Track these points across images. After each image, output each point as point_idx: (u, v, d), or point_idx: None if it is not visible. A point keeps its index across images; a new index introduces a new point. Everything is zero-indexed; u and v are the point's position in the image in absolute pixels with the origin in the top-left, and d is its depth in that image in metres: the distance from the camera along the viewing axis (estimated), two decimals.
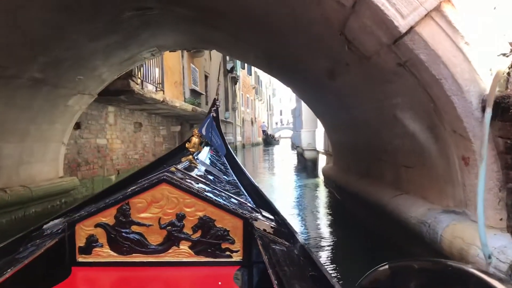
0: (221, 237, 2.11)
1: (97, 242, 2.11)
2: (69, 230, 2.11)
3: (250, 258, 2.10)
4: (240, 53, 7.55)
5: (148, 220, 2.12)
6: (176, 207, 2.12)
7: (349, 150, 6.94)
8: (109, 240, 2.11)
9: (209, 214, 2.12)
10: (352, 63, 4.14)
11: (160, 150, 14.01)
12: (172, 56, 15.44)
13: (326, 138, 9.39)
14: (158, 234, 2.12)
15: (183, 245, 2.12)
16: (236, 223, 2.12)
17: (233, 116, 31.51)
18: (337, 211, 7.27)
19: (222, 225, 2.12)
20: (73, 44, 5.99)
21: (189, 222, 2.12)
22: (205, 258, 2.11)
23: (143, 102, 10.03)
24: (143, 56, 7.98)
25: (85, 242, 2.11)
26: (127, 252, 2.11)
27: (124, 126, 11.16)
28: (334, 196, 8.24)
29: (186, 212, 2.12)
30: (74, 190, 8.69)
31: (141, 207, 2.12)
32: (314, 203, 8.39)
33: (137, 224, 2.12)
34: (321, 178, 11.36)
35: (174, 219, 2.12)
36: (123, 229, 2.11)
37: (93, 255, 2.11)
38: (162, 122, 14.34)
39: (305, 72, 6.02)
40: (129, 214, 2.12)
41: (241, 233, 2.11)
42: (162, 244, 2.12)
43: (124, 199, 2.13)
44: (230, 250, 2.12)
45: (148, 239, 2.12)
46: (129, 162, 11.47)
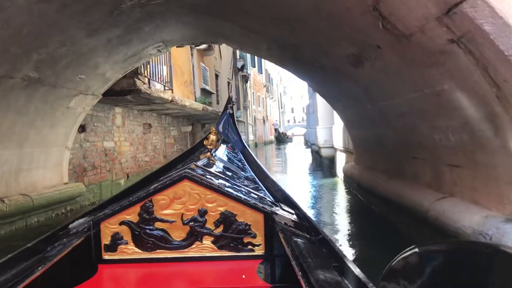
0: (242, 231, 2.12)
1: (122, 240, 2.14)
2: (95, 228, 2.14)
3: (272, 252, 2.11)
4: (252, 45, 6.91)
5: (171, 217, 2.14)
6: (198, 203, 2.14)
7: (374, 147, 6.26)
8: (134, 237, 2.13)
9: (230, 209, 2.13)
10: (386, 45, 3.48)
11: (171, 152, 13.45)
12: (181, 55, 14.89)
13: (346, 134, 8.71)
14: (181, 230, 2.14)
15: (206, 240, 2.13)
16: (257, 217, 2.12)
17: (244, 114, 30.90)
18: (363, 216, 6.59)
19: (243, 220, 2.13)
20: (69, 39, 5.41)
21: (211, 217, 2.13)
22: (228, 252, 2.12)
23: (151, 102, 9.45)
24: (148, 52, 7.38)
25: (110, 240, 2.14)
26: (151, 248, 2.13)
27: (132, 128, 10.60)
28: (357, 198, 7.56)
29: (208, 207, 2.14)
30: (81, 197, 8.15)
31: (163, 204, 2.14)
32: (334, 206, 7.72)
33: (160, 221, 2.14)
34: (340, 177, 10.67)
35: (196, 214, 2.14)
36: (147, 226, 2.14)
37: (118, 252, 2.13)
38: (173, 123, 13.77)
39: (324, 61, 5.36)
40: (152, 211, 2.14)
41: (262, 227, 2.12)
42: (186, 240, 2.14)
43: (147, 196, 2.15)
44: (252, 244, 2.12)
45: (171, 235, 2.14)
46: (139, 165, 10.91)
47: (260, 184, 3.46)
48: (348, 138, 8.59)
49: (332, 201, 8.37)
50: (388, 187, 5.37)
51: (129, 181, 10.19)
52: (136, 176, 10.59)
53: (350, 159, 8.79)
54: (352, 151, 8.37)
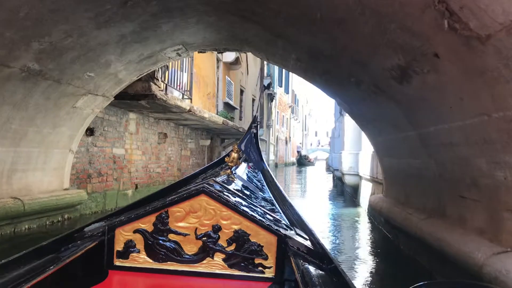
0: (254, 252, 2.08)
1: (135, 248, 2.12)
2: (109, 234, 2.13)
3: (282, 275, 2.06)
4: (279, 55, 6.24)
5: (185, 230, 2.12)
6: (213, 219, 2.12)
7: (409, 180, 5.45)
8: (146, 246, 2.11)
9: (244, 228, 2.09)
10: (447, 52, 2.74)
11: (187, 165, 12.82)
12: (206, 66, 14.40)
13: (375, 162, 7.91)
14: (193, 244, 2.11)
15: (217, 257, 2.10)
16: (270, 239, 2.08)
17: (267, 133, 30.25)
18: (389, 256, 5.74)
19: (256, 240, 2.08)
20: (76, 29, 4.83)
21: (224, 235, 2.10)
22: (238, 271, 2.08)
23: (167, 110, 8.85)
24: (167, 55, 6.79)
25: (123, 247, 2.12)
26: (163, 259, 2.10)
27: (146, 136, 10.01)
28: (382, 234, 6.70)
29: (222, 224, 2.11)
30: (81, 205, 7.53)
31: (179, 216, 2.13)
32: (356, 241, 6.87)
33: (174, 233, 2.12)
34: (363, 208, 9.80)
35: (210, 230, 2.11)
36: (161, 237, 2.12)
37: (130, 260, 2.12)
38: (191, 135, 13.17)
39: (361, 75, 4.64)
40: (167, 222, 2.12)
41: (275, 250, 2.08)
42: (197, 254, 2.11)
43: (164, 207, 2.13)
44: (263, 266, 2.08)
45: (183, 248, 2.11)
46: (150, 176, 10.28)
47: (277, 206, 3.32)
48: (377, 166, 7.77)
49: (354, 235, 7.52)
50: (425, 227, 4.54)
51: (138, 193, 9.56)
52: (146, 188, 9.96)
53: (378, 190, 7.96)
54: (380, 181, 7.54)
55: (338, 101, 6.58)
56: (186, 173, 12.56)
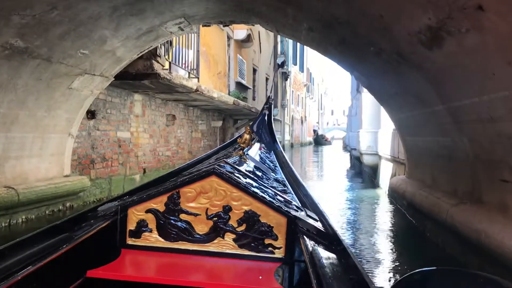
0: (264, 232, 2.09)
1: (147, 227, 2.14)
2: (122, 213, 2.17)
3: (292, 256, 2.07)
4: (290, 25, 5.65)
5: (196, 210, 2.13)
6: (224, 200, 2.13)
7: (437, 160, 4.88)
8: (158, 226, 2.14)
9: (254, 209, 2.10)
10: (496, 2, 2.16)
11: (198, 147, 12.38)
12: (216, 44, 13.84)
13: (396, 141, 7.33)
14: (204, 224, 2.12)
15: (228, 237, 2.11)
16: (280, 220, 2.09)
17: (282, 113, 29.64)
18: (415, 244, 5.22)
19: (266, 221, 2.10)
20: (61, 0, 4.32)
21: (235, 215, 2.11)
22: (248, 251, 2.09)
23: (173, 90, 8.35)
24: (168, 30, 6.25)
25: (136, 226, 2.15)
26: (174, 239, 2.12)
27: (154, 118, 9.55)
28: (406, 219, 6.16)
29: (233, 205, 2.12)
30: (85, 192, 7.14)
31: (190, 197, 2.14)
32: (376, 227, 6.34)
33: (185, 213, 2.13)
34: (383, 190, 9.24)
35: (221, 211, 2.12)
36: (172, 217, 2.14)
37: (142, 239, 2.14)
38: (201, 116, 12.69)
39: (382, 43, 4.05)
40: (179, 203, 2.14)
41: (285, 231, 2.08)
42: (208, 234, 2.12)
43: (175, 188, 2.14)
44: (273, 246, 2.08)
45: (195, 228, 2.13)
46: (159, 160, 9.86)
47: (288, 187, 3.28)
48: (399, 145, 7.19)
49: (373, 219, 7.00)
50: (456, 215, 3.99)
51: (146, 177, 9.15)
52: (155, 172, 9.55)
53: (399, 171, 7.39)
54: (402, 161, 6.97)
55: (356, 75, 5.98)
56: (197, 155, 12.06)
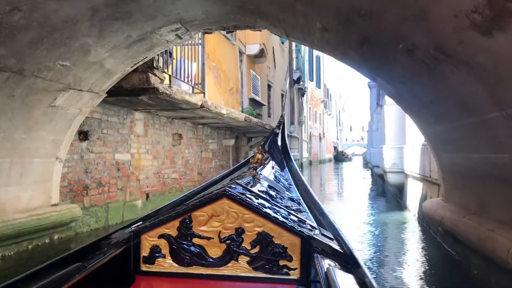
0: (278, 254, 2.06)
1: (160, 253, 2.13)
2: (135, 240, 2.15)
3: (307, 277, 2.03)
4: (300, 27, 4.84)
5: (208, 233, 2.11)
6: (236, 222, 2.10)
7: (487, 182, 3.92)
8: (171, 251, 2.13)
9: (267, 230, 2.07)
10: None
11: (209, 168, 11.56)
12: (227, 58, 13.15)
13: (428, 157, 6.38)
14: (217, 248, 2.10)
15: (242, 259, 2.09)
16: (294, 240, 2.05)
17: (299, 130, 28.74)
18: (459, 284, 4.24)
19: (280, 242, 2.06)
20: None
21: (248, 237, 2.08)
22: (262, 274, 2.06)
23: (176, 107, 7.58)
24: (164, 38, 5.50)
25: (149, 252, 2.14)
26: (188, 264, 2.11)
27: (158, 138, 8.78)
28: (445, 252, 5.17)
29: (245, 227, 2.09)
30: (77, 222, 6.36)
31: (202, 220, 2.12)
32: (408, 261, 5.35)
33: (198, 237, 2.11)
34: (411, 213, 8.23)
35: (234, 233, 2.09)
36: (185, 241, 2.12)
37: (156, 265, 2.14)
38: (212, 135, 11.90)
39: (414, 38, 3.18)
40: (191, 227, 2.12)
41: (299, 251, 2.04)
42: (221, 258, 2.10)
43: (186, 212, 2.14)
44: (288, 268, 2.04)
45: (208, 252, 2.11)
46: (164, 183, 9.05)
47: (304, 206, 3.16)
48: (431, 163, 6.24)
49: (402, 248, 6.00)
50: None
51: (149, 203, 8.35)
52: (159, 197, 8.75)
53: (432, 192, 6.41)
54: (436, 181, 6.00)
55: (380, 83, 5.09)
56: (208, 177, 11.32)
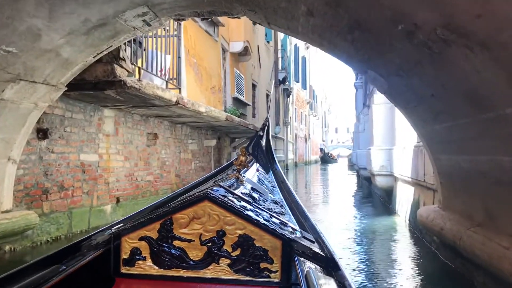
0: (259, 256, 2.04)
1: (140, 255, 2.11)
2: (115, 241, 2.13)
3: (288, 280, 2.03)
4: (283, 11, 4.24)
5: (189, 236, 2.09)
6: (217, 224, 2.08)
7: (495, 189, 3.36)
8: (152, 253, 2.10)
9: (248, 232, 2.05)
10: None
11: (188, 170, 10.90)
12: (209, 55, 12.53)
13: (421, 160, 5.83)
14: (198, 250, 2.09)
15: (223, 262, 2.07)
16: (275, 243, 2.04)
17: (284, 131, 28.19)
18: None
19: (261, 245, 2.05)
20: None
21: (229, 240, 2.07)
22: (243, 276, 2.05)
23: (148, 103, 6.92)
24: (129, 24, 4.84)
25: (129, 254, 2.12)
26: (168, 266, 2.09)
27: (130, 137, 8.10)
28: (446, 267, 4.61)
29: (227, 229, 2.07)
30: (34, 230, 5.66)
31: (183, 223, 2.10)
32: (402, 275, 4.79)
33: (179, 239, 2.10)
34: (401, 218, 7.69)
35: (215, 236, 2.08)
36: (165, 244, 2.10)
37: (136, 268, 2.11)
38: (192, 135, 11.24)
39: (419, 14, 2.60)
40: (172, 229, 2.10)
41: (280, 254, 2.03)
42: (202, 260, 2.08)
43: (168, 214, 2.11)
44: (269, 270, 2.04)
45: (189, 254, 2.09)
46: (137, 186, 8.36)
47: (286, 208, 3.12)
48: (425, 166, 5.69)
49: (393, 261, 5.42)
50: None
51: (120, 207, 7.67)
52: (132, 201, 8.07)
53: (426, 198, 5.86)
54: (431, 186, 5.45)
55: (371, 77, 4.51)
56: (187, 179, 10.67)
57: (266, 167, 4.28)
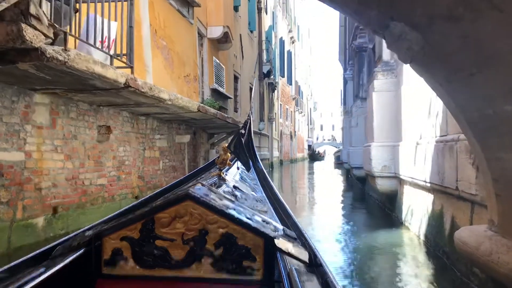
0: (242, 254, 2.01)
1: (122, 255, 2.06)
2: (96, 242, 2.09)
3: (271, 277, 2.02)
4: None
5: (171, 235, 2.04)
6: (199, 223, 2.04)
7: None
8: (134, 253, 2.06)
9: (231, 231, 2.02)
10: None
11: (155, 170, 9.20)
12: (182, 39, 10.96)
13: (454, 160, 4.27)
14: (181, 249, 2.05)
15: (205, 261, 2.03)
16: (257, 241, 2.01)
17: (269, 128, 26.59)
18: None
19: (243, 243, 2.01)
20: None
21: (211, 239, 2.03)
22: (226, 275, 2.02)
23: (88, 85, 5.22)
24: None
25: (111, 255, 2.07)
26: (151, 266, 2.06)
27: (74, 131, 6.37)
28: None
29: (209, 228, 2.04)
30: None
31: (165, 222, 2.05)
32: None
33: (161, 239, 2.05)
34: (412, 232, 6.14)
35: (197, 235, 2.04)
36: (147, 243, 2.06)
37: (118, 268, 2.07)
38: (160, 129, 9.53)
39: None
40: (154, 229, 2.05)
41: (262, 252, 2.01)
42: (185, 260, 2.04)
43: (149, 213, 2.07)
44: (251, 268, 2.01)
45: (171, 253, 2.05)
46: (85, 192, 6.63)
47: (268, 206, 3.10)
48: (459, 168, 4.13)
49: None
50: None
51: (59, 219, 5.98)
52: (77, 210, 6.37)
53: (460, 214, 4.29)
54: (471, 197, 3.88)
55: (396, 32, 2.89)
56: (153, 181, 9.00)
57: (248, 165, 4.24)
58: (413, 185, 6.26)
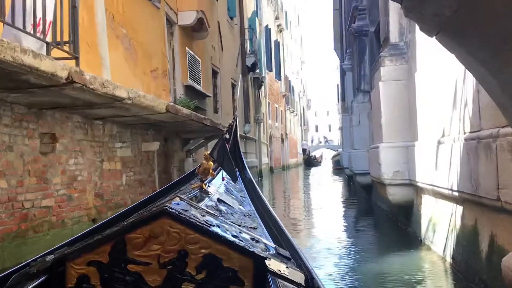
0: (228, 278, 2.01)
1: (89, 283, 2.06)
2: (58, 268, 2.08)
3: None
4: None
5: (146, 258, 2.04)
6: (178, 244, 2.03)
7: None
8: (103, 280, 2.06)
9: (214, 252, 2.02)
10: None
11: (116, 186, 8.64)
12: (147, 27, 10.60)
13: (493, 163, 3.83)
14: (157, 275, 2.04)
15: (186, 287, 2.03)
16: (245, 262, 2.01)
17: (256, 130, 26.17)
18: None
19: (230, 265, 2.02)
20: None
21: (192, 261, 2.03)
22: None
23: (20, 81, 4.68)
24: None
25: (76, 283, 2.07)
26: None
27: (8, 141, 5.78)
28: None
29: (189, 249, 2.03)
30: None
31: (138, 243, 2.04)
32: None
33: (133, 263, 2.04)
34: (436, 253, 5.70)
35: (176, 257, 2.04)
36: (118, 268, 2.05)
37: None
38: (122, 135, 8.97)
39: None
40: (125, 251, 2.04)
41: (252, 274, 2.01)
42: (162, 286, 2.04)
43: (119, 234, 2.06)
44: None
45: (146, 279, 2.04)
46: (25, 216, 6.05)
47: (259, 221, 3.18)
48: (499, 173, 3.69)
49: None
50: None
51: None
52: (14, 240, 5.82)
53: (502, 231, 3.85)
54: None
55: None
56: (114, 200, 8.48)
57: (234, 174, 4.26)
58: (435, 194, 5.84)
